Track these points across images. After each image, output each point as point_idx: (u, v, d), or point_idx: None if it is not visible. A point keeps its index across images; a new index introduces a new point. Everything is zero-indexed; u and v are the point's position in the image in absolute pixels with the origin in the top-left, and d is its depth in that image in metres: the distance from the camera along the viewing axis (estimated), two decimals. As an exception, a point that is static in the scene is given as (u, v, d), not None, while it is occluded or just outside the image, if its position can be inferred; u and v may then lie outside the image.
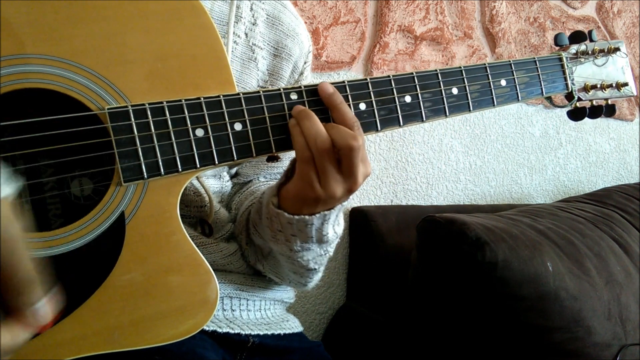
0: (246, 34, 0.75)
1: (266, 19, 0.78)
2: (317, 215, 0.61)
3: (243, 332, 0.73)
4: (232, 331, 0.72)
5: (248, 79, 0.76)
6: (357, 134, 0.57)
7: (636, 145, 2.00)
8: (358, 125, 0.59)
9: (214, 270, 0.59)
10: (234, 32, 0.73)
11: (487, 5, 1.60)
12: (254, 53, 0.76)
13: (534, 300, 1.02)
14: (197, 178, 0.69)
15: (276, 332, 0.77)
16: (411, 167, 1.49)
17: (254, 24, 0.76)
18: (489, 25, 1.60)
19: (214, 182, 0.76)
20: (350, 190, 0.59)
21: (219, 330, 0.71)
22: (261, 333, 0.75)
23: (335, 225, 0.65)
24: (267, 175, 0.84)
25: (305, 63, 0.83)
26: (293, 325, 0.81)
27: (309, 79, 0.86)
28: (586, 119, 0.83)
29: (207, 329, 0.70)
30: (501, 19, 1.63)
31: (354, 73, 1.39)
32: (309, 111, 0.58)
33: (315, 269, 0.69)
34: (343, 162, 0.57)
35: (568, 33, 0.82)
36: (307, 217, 0.60)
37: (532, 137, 1.74)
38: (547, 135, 1.78)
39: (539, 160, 1.77)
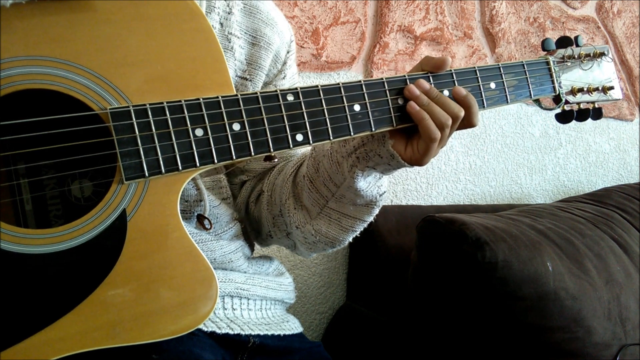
0: (221, 24, 0.75)
1: (243, 7, 0.78)
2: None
3: (244, 333, 0.73)
4: (232, 332, 0.72)
5: None
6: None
7: (636, 145, 2.00)
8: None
9: (214, 268, 0.59)
10: None
11: (487, 5, 1.61)
12: (230, 42, 0.76)
13: (534, 300, 1.03)
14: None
15: (276, 333, 0.78)
16: (411, 167, 1.50)
17: (229, 13, 0.76)
18: (488, 25, 1.61)
19: (207, 177, 0.77)
20: None
21: (218, 331, 0.71)
22: (261, 333, 0.75)
23: None
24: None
25: (288, 52, 0.83)
26: (293, 326, 0.82)
27: (294, 69, 0.86)
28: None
29: (205, 329, 0.70)
30: (501, 19, 1.63)
31: (354, 73, 1.40)
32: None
33: (385, 191, 0.80)
34: (451, 130, 0.69)
35: (568, 33, 0.84)
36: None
37: (532, 137, 1.74)
38: (547, 135, 1.78)
39: (538, 160, 1.77)
